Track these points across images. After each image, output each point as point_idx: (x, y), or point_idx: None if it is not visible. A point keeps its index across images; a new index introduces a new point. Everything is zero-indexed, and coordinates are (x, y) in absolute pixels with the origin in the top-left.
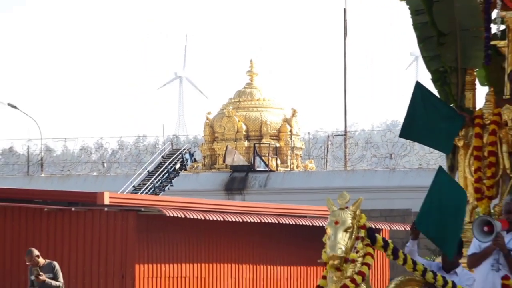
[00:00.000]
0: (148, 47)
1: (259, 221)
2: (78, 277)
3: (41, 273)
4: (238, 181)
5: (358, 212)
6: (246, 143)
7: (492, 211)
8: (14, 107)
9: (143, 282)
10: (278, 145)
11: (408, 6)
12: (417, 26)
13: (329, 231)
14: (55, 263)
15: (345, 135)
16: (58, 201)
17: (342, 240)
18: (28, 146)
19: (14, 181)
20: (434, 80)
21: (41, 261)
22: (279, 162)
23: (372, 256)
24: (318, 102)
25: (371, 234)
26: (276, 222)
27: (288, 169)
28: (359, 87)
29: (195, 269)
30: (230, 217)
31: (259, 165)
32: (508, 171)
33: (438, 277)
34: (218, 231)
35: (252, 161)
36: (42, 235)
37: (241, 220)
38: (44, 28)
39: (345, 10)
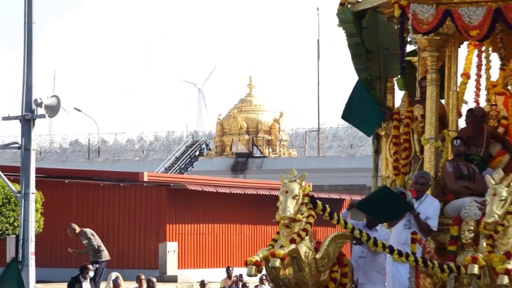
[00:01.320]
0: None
1: (256, 193)
2: (125, 234)
3: (74, 250)
4: (241, 164)
5: (303, 184)
6: (246, 137)
7: (406, 183)
8: (79, 110)
9: (172, 238)
10: (270, 138)
11: (344, 31)
12: (351, 46)
13: (281, 198)
14: (87, 231)
15: (318, 130)
16: (110, 179)
17: (291, 205)
18: (89, 138)
19: (78, 164)
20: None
21: (78, 230)
22: (270, 150)
23: (314, 217)
24: (299, 106)
25: (313, 200)
26: (269, 194)
27: (277, 155)
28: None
29: (209, 228)
30: (235, 190)
31: (256, 152)
32: (418, 154)
33: (363, 233)
34: (226, 200)
35: (251, 150)
36: (98, 204)
37: (243, 193)
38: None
39: (318, 40)
